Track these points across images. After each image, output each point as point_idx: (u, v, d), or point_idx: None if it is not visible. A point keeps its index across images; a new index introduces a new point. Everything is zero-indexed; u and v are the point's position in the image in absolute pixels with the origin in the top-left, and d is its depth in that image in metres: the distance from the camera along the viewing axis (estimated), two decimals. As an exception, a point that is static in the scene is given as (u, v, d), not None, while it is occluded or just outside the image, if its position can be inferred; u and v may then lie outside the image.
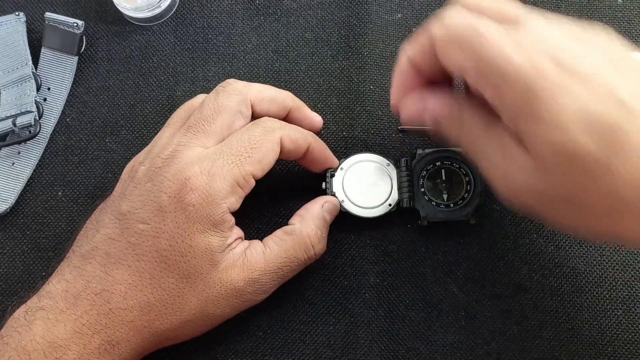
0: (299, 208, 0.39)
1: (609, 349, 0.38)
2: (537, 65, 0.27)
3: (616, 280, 0.39)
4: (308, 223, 0.37)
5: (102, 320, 0.32)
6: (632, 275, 0.39)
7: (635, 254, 0.39)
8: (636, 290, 0.39)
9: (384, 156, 0.41)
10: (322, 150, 0.39)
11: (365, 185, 0.40)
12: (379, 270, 0.40)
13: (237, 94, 0.36)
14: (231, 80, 0.37)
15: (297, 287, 0.40)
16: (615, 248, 0.40)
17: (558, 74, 0.27)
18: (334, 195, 0.39)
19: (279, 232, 0.37)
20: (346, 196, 0.39)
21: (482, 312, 0.39)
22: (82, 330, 0.32)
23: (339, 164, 0.40)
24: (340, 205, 0.39)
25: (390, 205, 0.39)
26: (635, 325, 0.38)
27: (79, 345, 0.32)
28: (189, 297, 0.34)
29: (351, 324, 0.39)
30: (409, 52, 0.33)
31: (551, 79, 0.27)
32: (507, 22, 0.29)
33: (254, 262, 0.35)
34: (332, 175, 0.40)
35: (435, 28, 0.30)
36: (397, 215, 0.40)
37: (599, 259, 0.39)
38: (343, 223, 0.40)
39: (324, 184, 0.40)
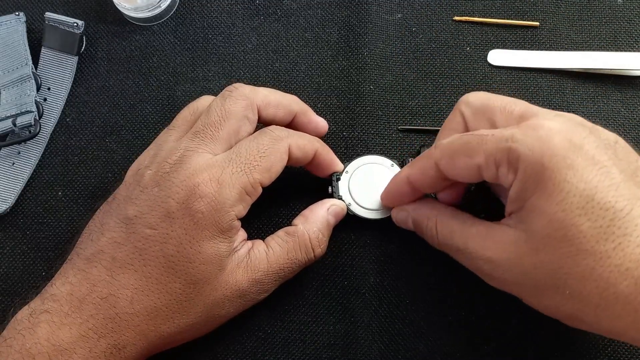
0: (299, 208, 0.39)
1: (609, 349, 0.38)
2: (548, 141, 0.29)
3: (616, 280, 0.39)
4: (311, 225, 0.37)
5: (109, 325, 0.32)
6: (632, 275, 0.39)
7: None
8: (636, 290, 0.39)
9: (387, 157, 0.41)
10: (328, 155, 0.39)
11: (371, 187, 0.40)
12: (379, 270, 0.40)
13: (244, 98, 0.36)
14: (237, 85, 0.37)
15: (297, 287, 0.40)
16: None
17: (568, 149, 0.29)
18: (340, 198, 0.39)
19: (281, 233, 0.37)
20: (353, 199, 0.39)
21: (482, 312, 0.39)
22: (88, 334, 0.32)
23: (344, 168, 0.40)
24: (348, 209, 0.39)
25: None
26: (635, 325, 0.38)
27: (85, 349, 0.32)
28: (195, 301, 0.34)
29: (351, 324, 0.39)
30: (408, 171, 0.36)
31: (562, 153, 0.29)
32: (514, 118, 0.32)
33: (257, 263, 0.35)
34: (338, 179, 0.40)
35: (436, 151, 0.34)
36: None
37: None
38: (344, 223, 0.40)
39: (330, 188, 0.40)
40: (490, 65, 0.44)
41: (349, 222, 0.40)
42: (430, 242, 0.36)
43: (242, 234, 0.36)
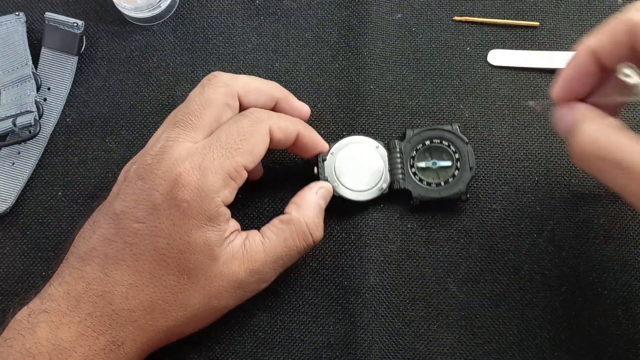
0: (294, 193, 0.39)
1: (609, 349, 0.38)
2: None
3: (616, 280, 0.39)
4: (305, 211, 0.37)
5: (106, 322, 0.33)
6: (632, 275, 0.39)
7: (635, 254, 0.39)
8: (636, 290, 0.39)
9: (373, 138, 0.41)
10: (311, 136, 0.39)
11: (357, 168, 0.40)
12: (379, 270, 0.40)
13: (224, 86, 0.36)
14: (217, 73, 0.37)
15: (297, 287, 0.40)
16: (615, 248, 0.40)
17: None
18: (326, 180, 0.39)
19: (275, 222, 0.37)
20: (339, 180, 0.40)
21: (482, 312, 0.39)
22: (86, 332, 0.32)
23: (330, 149, 0.40)
24: (334, 190, 0.39)
25: (382, 187, 0.40)
26: (635, 325, 0.38)
27: (84, 347, 0.32)
28: (191, 292, 0.34)
29: (351, 324, 0.39)
30: (593, 42, 0.29)
31: None
32: None
33: (253, 253, 0.35)
34: (324, 160, 0.40)
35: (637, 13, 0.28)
36: (396, 215, 0.41)
37: (599, 259, 0.39)
38: (343, 222, 0.40)
39: (315, 169, 0.40)
40: (490, 65, 0.44)
41: (348, 224, 0.40)
42: (582, 152, 0.30)
43: (233, 224, 0.35)
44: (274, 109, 0.39)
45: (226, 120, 0.36)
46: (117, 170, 0.43)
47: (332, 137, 0.43)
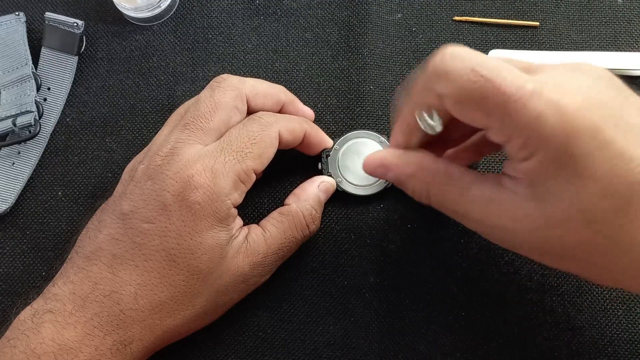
0: (295, 187, 0.39)
1: (609, 349, 0.38)
2: (575, 121, 0.26)
3: (616, 280, 0.39)
4: (303, 203, 0.38)
5: (114, 322, 0.33)
6: (632, 275, 0.39)
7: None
8: (636, 290, 0.39)
9: (378, 132, 0.41)
10: (317, 134, 0.40)
11: (361, 163, 0.40)
12: (379, 270, 0.40)
13: (233, 89, 0.37)
14: (225, 76, 0.38)
15: (297, 287, 0.40)
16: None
17: (594, 130, 0.26)
18: (330, 175, 0.40)
19: (275, 214, 0.38)
20: (342, 176, 0.40)
21: (482, 312, 0.39)
22: (93, 332, 0.32)
23: (334, 144, 0.41)
24: (337, 185, 0.40)
25: (386, 182, 0.40)
26: (635, 325, 0.38)
27: (91, 347, 0.32)
28: (200, 291, 0.34)
29: (351, 324, 0.39)
30: (413, 105, 0.31)
31: (589, 135, 0.26)
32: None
33: (255, 246, 0.36)
34: (328, 156, 0.40)
35: (442, 86, 0.28)
36: (396, 215, 0.41)
37: (599, 259, 0.39)
38: (344, 222, 0.40)
39: (320, 164, 0.40)
40: (490, 65, 0.44)
41: (349, 220, 0.40)
42: (436, 190, 0.32)
43: (239, 221, 0.36)
44: (280, 111, 0.40)
45: (234, 123, 0.36)
46: (117, 170, 0.43)
47: (332, 137, 0.43)
